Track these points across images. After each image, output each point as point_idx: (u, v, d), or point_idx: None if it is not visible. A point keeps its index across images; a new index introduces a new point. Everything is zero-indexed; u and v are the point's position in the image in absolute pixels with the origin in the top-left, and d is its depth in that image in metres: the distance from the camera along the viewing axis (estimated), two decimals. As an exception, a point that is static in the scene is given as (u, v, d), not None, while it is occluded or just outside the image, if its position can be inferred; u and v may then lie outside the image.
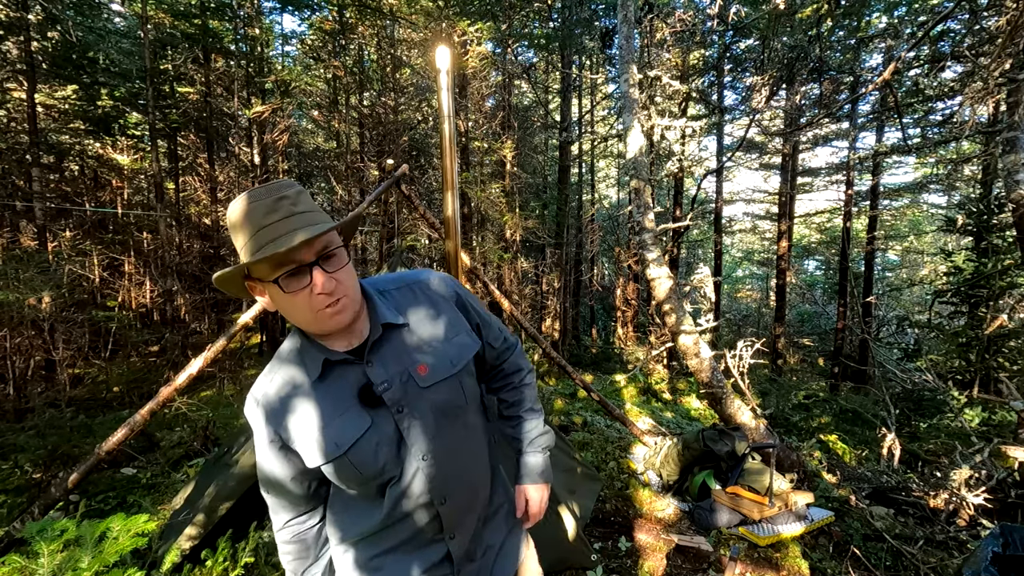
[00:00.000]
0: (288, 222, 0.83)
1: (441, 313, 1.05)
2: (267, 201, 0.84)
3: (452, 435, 1.01)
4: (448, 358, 1.01)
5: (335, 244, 0.90)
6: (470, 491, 1.06)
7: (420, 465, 0.97)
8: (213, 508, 2.57)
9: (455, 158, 1.96)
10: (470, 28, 9.12)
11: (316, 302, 0.86)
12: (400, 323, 1.00)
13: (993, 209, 7.06)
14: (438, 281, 1.09)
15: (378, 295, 1.02)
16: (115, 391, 6.44)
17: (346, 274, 0.91)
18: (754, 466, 3.51)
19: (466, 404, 1.04)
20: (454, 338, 1.04)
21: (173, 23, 8.43)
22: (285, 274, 0.84)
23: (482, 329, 1.12)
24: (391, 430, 0.96)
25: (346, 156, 10.10)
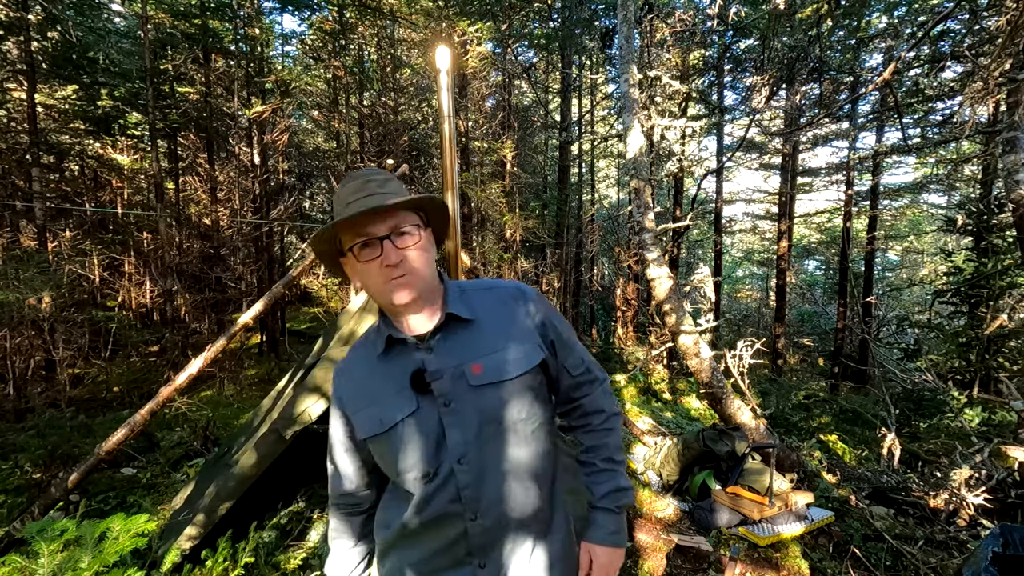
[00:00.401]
0: (367, 200, 0.92)
1: (512, 320, 1.02)
2: (357, 182, 0.96)
3: (496, 447, 0.97)
4: (505, 364, 0.98)
5: (411, 224, 0.95)
6: (508, 516, 0.98)
7: (455, 468, 0.95)
8: (213, 508, 2.57)
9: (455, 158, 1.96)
10: (470, 28, 9.12)
11: (384, 273, 0.93)
12: (466, 317, 0.99)
13: (993, 209, 7.06)
14: (522, 292, 1.06)
15: (457, 290, 1.04)
16: (115, 391, 6.44)
17: (417, 253, 0.95)
18: (754, 466, 3.52)
19: (520, 419, 0.98)
20: (517, 347, 1.00)
21: (173, 23, 8.42)
22: (359, 244, 0.93)
23: (559, 350, 1.06)
24: (434, 422, 0.96)
25: (346, 156, 10.10)
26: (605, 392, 1.13)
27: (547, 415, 1.06)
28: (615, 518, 1.09)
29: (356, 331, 3.02)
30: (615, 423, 1.13)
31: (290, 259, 11.02)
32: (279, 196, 9.47)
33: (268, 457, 2.65)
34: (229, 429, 5.04)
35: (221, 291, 8.57)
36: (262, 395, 5.55)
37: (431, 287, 0.99)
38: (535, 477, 1.00)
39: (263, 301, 3.33)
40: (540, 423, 1.02)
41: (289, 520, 3.22)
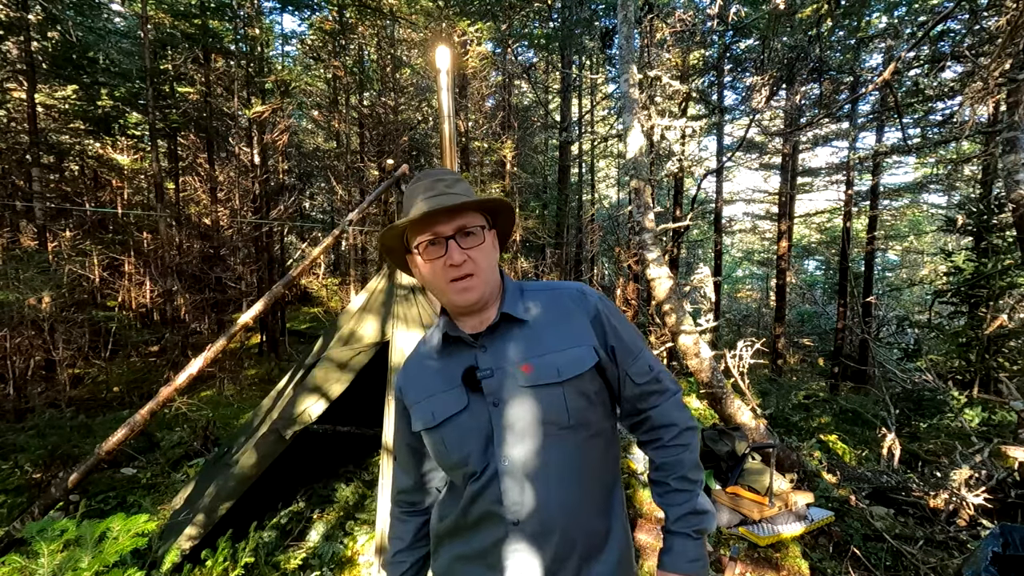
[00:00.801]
0: (437, 199, 0.93)
1: (568, 322, 1.00)
2: (427, 182, 0.97)
3: (544, 451, 0.93)
4: (556, 366, 0.95)
5: (477, 225, 0.95)
6: (553, 525, 0.93)
7: (500, 467, 0.94)
8: (213, 508, 2.57)
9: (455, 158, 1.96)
10: (470, 28, 9.12)
11: (448, 273, 0.93)
12: (521, 317, 0.99)
13: (993, 209, 7.05)
14: (582, 293, 1.04)
15: (517, 290, 1.04)
16: (115, 391, 6.44)
17: (481, 254, 0.95)
18: (754, 466, 3.52)
19: (570, 424, 0.94)
20: (570, 349, 0.97)
21: (173, 23, 8.42)
22: (426, 243, 0.94)
23: (620, 355, 1.01)
24: (484, 420, 0.96)
25: (346, 156, 10.10)
26: (677, 404, 1.05)
27: (605, 424, 1.01)
28: (694, 544, 0.99)
29: (356, 331, 3.02)
30: (690, 438, 1.03)
31: (290, 259, 11.01)
32: (279, 196, 9.47)
33: (268, 457, 2.65)
34: (229, 429, 5.04)
35: (221, 291, 8.57)
36: (262, 395, 5.55)
37: (493, 288, 0.99)
38: (585, 488, 0.96)
39: (263, 301, 3.33)
40: (596, 432, 0.98)
41: (289, 520, 3.22)
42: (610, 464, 1.03)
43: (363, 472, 3.92)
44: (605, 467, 1.01)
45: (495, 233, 1.03)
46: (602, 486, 1.00)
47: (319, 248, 3.50)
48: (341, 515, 3.30)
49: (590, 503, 0.97)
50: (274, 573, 2.64)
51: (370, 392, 3.59)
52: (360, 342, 2.92)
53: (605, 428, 1.01)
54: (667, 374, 1.06)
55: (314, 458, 3.94)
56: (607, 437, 1.02)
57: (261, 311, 3.34)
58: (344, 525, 3.19)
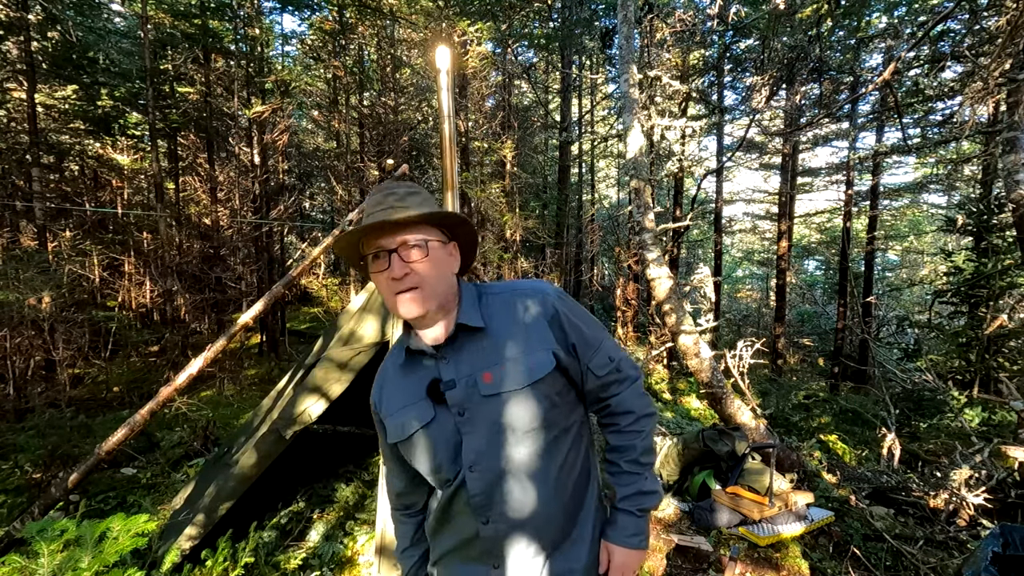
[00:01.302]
0: (380, 214, 0.95)
1: (525, 326, 1.00)
2: (378, 196, 0.99)
3: (509, 455, 0.97)
4: (515, 373, 0.97)
5: (420, 238, 0.96)
6: (521, 522, 0.99)
7: (467, 475, 0.98)
8: (213, 508, 2.57)
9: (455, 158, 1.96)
10: (470, 28, 9.12)
11: (392, 286, 0.95)
12: (476, 326, 0.99)
13: (993, 209, 7.05)
14: (540, 292, 1.03)
15: (477, 297, 1.04)
16: (115, 391, 6.44)
17: (426, 266, 0.95)
18: (754, 466, 3.52)
19: (534, 427, 0.97)
20: (529, 355, 0.98)
21: (173, 23, 8.42)
22: (372, 255, 0.97)
23: (581, 351, 1.02)
24: (451, 430, 0.99)
25: (346, 156, 10.10)
26: (636, 392, 1.08)
27: (571, 421, 1.04)
28: (636, 520, 1.06)
29: (356, 331, 3.02)
30: (645, 424, 1.07)
31: (290, 259, 11.01)
32: (279, 196, 9.47)
33: (268, 457, 2.65)
34: (229, 429, 5.04)
35: (221, 291, 8.57)
36: (262, 395, 5.55)
37: (444, 299, 0.99)
38: (553, 486, 0.99)
39: (263, 301, 3.33)
40: (562, 430, 1.01)
41: (289, 520, 3.22)
42: (582, 457, 1.06)
43: (363, 472, 3.92)
44: (576, 461, 1.04)
45: (455, 245, 1.05)
46: (574, 480, 1.03)
47: (319, 248, 3.50)
48: (341, 515, 3.30)
49: (560, 500, 1.01)
50: (274, 573, 2.64)
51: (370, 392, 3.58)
52: (360, 342, 2.92)
53: (572, 423, 1.04)
54: (628, 361, 1.08)
55: (314, 458, 3.94)
56: (575, 432, 1.04)
57: (261, 311, 3.34)
58: (344, 525, 3.19)
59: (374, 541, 2.40)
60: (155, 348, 8.21)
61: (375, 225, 0.94)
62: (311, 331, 10.92)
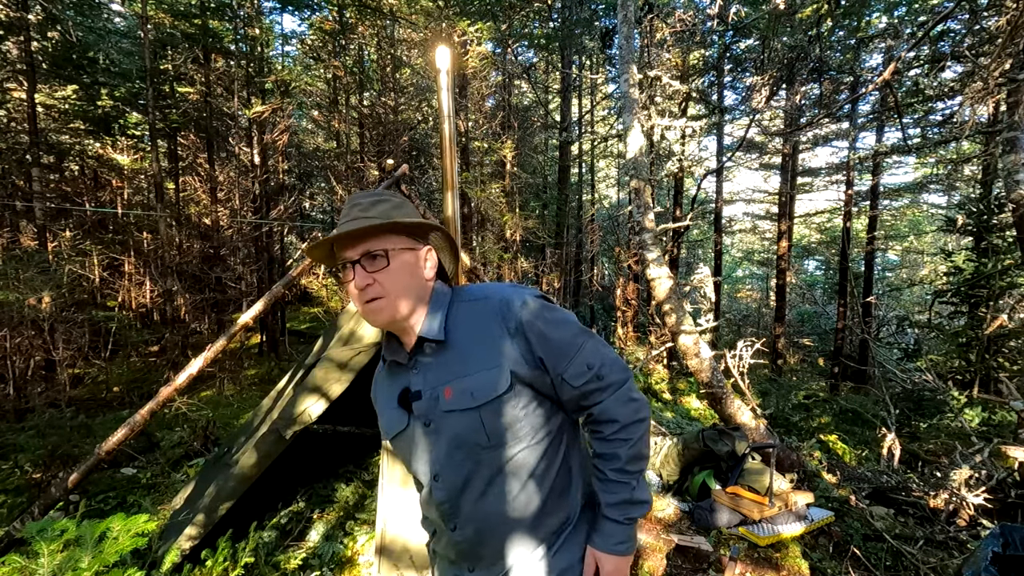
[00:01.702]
0: (347, 224, 0.95)
1: (486, 340, 0.96)
2: (346, 207, 1.00)
3: (470, 470, 0.97)
4: (471, 390, 0.95)
5: (382, 248, 0.95)
6: (489, 532, 0.98)
7: (432, 485, 1.01)
8: (213, 508, 2.57)
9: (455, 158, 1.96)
10: (470, 28, 9.12)
11: (357, 296, 0.96)
12: (435, 339, 0.98)
13: (993, 209, 7.05)
14: (506, 303, 0.98)
15: (447, 305, 1.02)
16: (115, 391, 6.44)
17: (388, 276, 0.95)
18: (754, 466, 3.52)
19: (491, 444, 0.95)
20: (484, 371, 0.95)
21: (173, 23, 8.42)
22: (340, 266, 0.99)
23: (550, 363, 0.96)
24: (421, 438, 1.01)
25: (346, 156, 10.10)
26: (621, 399, 0.99)
27: (544, 432, 0.99)
28: (623, 528, 1.02)
29: (356, 331, 3.02)
30: (633, 432, 1.00)
31: (290, 259, 11.01)
32: (279, 196, 9.47)
33: (268, 457, 2.65)
34: (229, 429, 5.04)
35: (221, 291, 8.57)
36: (262, 395, 5.55)
37: (411, 308, 0.98)
38: (519, 498, 0.97)
39: (263, 301, 3.33)
40: (530, 443, 0.97)
41: (289, 520, 3.22)
42: (558, 465, 1.01)
43: (363, 472, 3.92)
44: (549, 470, 1.00)
45: (429, 249, 1.04)
46: (547, 489, 0.99)
47: (319, 248, 3.49)
48: (341, 515, 3.30)
49: (527, 510, 0.98)
50: (274, 573, 2.64)
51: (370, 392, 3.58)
52: (360, 342, 2.92)
53: (544, 435, 0.99)
54: (611, 365, 0.99)
55: (314, 458, 3.94)
56: (548, 442, 1.00)
57: (261, 311, 3.34)
58: (344, 525, 3.19)
59: (374, 541, 2.40)
60: (155, 348, 8.21)
61: (339, 236, 0.94)
62: (311, 331, 10.92)
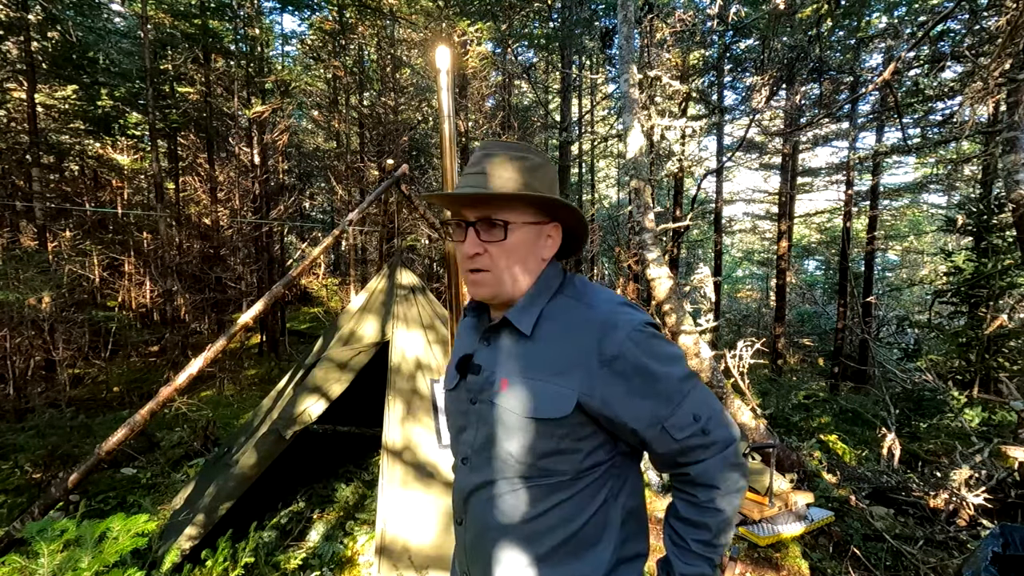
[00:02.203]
0: (471, 178, 0.87)
1: (570, 351, 0.83)
2: (478, 154, 0.90)
3: (493, 472, 0.87)
4: (527, 396, 0.83)
5: (504, 217, 0.85)
6: (487, 554, 0.88)
7: (459, 467, 0.95)
8: (213, 508, 2.57)
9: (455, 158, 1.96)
10: (470, 28, 9.12)
11: (463, 262, 0.89)
12: (522, 330, 0.87)
13: (993, 209, 7.05)
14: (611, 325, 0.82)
15: (551, 293, 0.90)
16: (115, 391, 6.43)
17: (502, 250, 0.86)
18: (754, 466, 3.51)
19: (526, 462, 0.83)
20: (552, 385, 0.82)
21: (173, 23, 8.42)
22: (454, 224, 0.90)
23: (645, 407, 0.81)
24: (464, 409, 0.94)
25: (346, 156, 10.10)
26: (725, 461, 0.84)
27: (584, 474, 0.84)
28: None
29: (356, 331, 3.02)
30: (730, 503, 0.85)
31: (290, 259, 11.01)
32: (279, 196, 9.47)
33: (268, 457, 2.65)
34: (229, 429, 5.04)
35: (221, 291, 8.57)
36: (262, 395, 5.55)
37: (517, 288, 0.89)
38: (529, 530, 0.84)
39: (263, 301, 3.33)
40: (563, 479, 0.83)
41: (289, 520, 3.22)
42: (588, 518, 0.84)
43: (363, 472, 3.92)
44: (575, 519, 0.84)
45: (555, 226, 0.91)
46: (563, 538, 0.84)
47: (319, 248, 3.50)
48: (341, 515, 3.30)
49: (529, 549, 0.84)
50: (274, 573, 2.64)
51: (370, 392, 3.59)
52: (360, 342, 2.92)
53: (583, 477, 0.84)
54: (718, 419, 0.85)
55: (314, 458, 3.94)
56: (586, 487, 0.84)
57: (261, 311, 3.34)
58: (344, 525, 3.19)
59: (374, 541, 2.40)
60: (155, 348, 8.22)
61: (458, 196, 0.85)
62: (311, 331, 10.92)
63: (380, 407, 2.71)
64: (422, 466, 2.51)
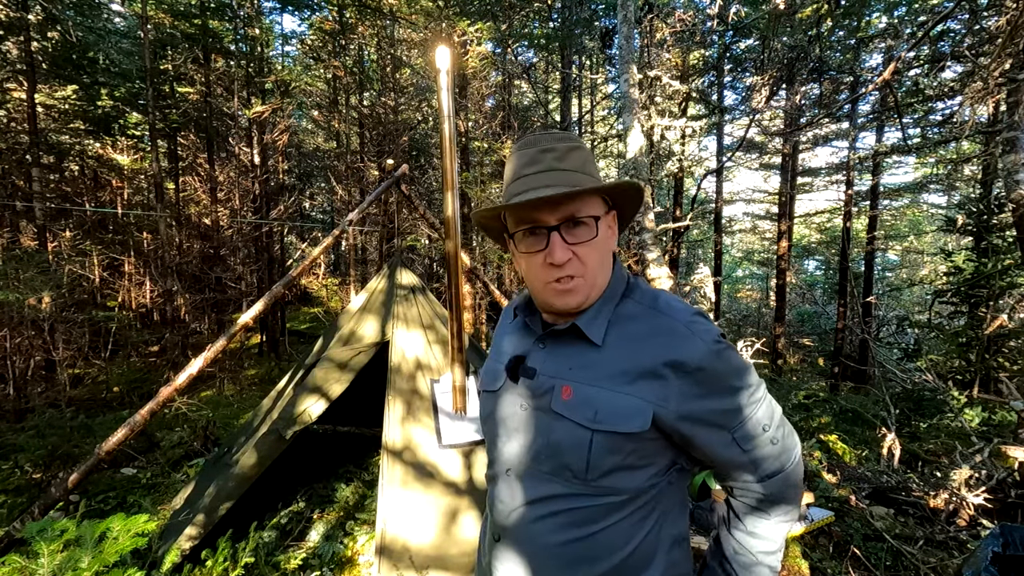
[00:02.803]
0: (542, 177, 0.77)
1: (643, 359, 0.77)
2: (531, 152, 0.79)
3: (544, 488, 0.81)
4: (595, 407, 0.77)
5: (587, 213, 0.77)
6: (525, 562, 0.82)
7: (501, 472, 0.86)
8: (213, 508, 2.57)
9: (455, 158, 1.96)
10: (470, 28, 9.12)
11: (545, 272, 0.78)
12: (593, 340, 0.80)
13: (993, 209, 7.05)
14: (687, 333, 0.77)
15: (612, 299, 0.83)
16: (115, 391, 6.43)
17: (592, 250, 0.78)
18: (754, 466, 3.51)
19: (587, 478, 0.77)
20: (624, 396, 0.76)
21: (173, 23, 8.42)
22: (524, 231, 0.79)
23: (715, 418, 0.78)
24: (510, 415, 0.86)
25: (346, 156, 10.10)
26: (795, 475, 0.84)
27: (642, 493, 0.79)
28: None
29: (356, 331, 3.02)
30: (794, 516, 0.85)
31: (290, 259, 11.01)
32: (279, 196, 9.47)
33: (268, 457, 2.65)
34: (229, 429, 5.04)
35: (221, 291, 8.57)
36: (262, 395, 5.55)
37: (600, 288, 0.82)
38: (577, 551, 0.79)
39: (263, 301, 3.33)
40: (621, 499, 0.78)
41: (289, 520, 3.22)
42: (641, 540, 0.80)
43: (363, 472, 3.92)
44: (629, 540, 0.79)
45: (615, 215, 0.85)
46: (612, 562, 0.79)
47: (319, 248, 3.50)
48: (341, 515, 3.30)
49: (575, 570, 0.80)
50: (274, 573, 2.64)
51: (370, 392, 3.59)
52: (360, 342, 2.92)
53: (641, 496, 0.80)
54: (782, 426, 0.83)
55: (314, 458, 3.94)
56: (642, 506, 0.80)
57: (261, 311, 3.34)
58: (344, 525, 3.19)
59: (374, 541, 2.40)
60: (155, 348, 8.22)
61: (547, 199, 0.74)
62: (311, 331, 10.93)
63: (380, 407, 2.71)
64: (422, 466, 2.51)
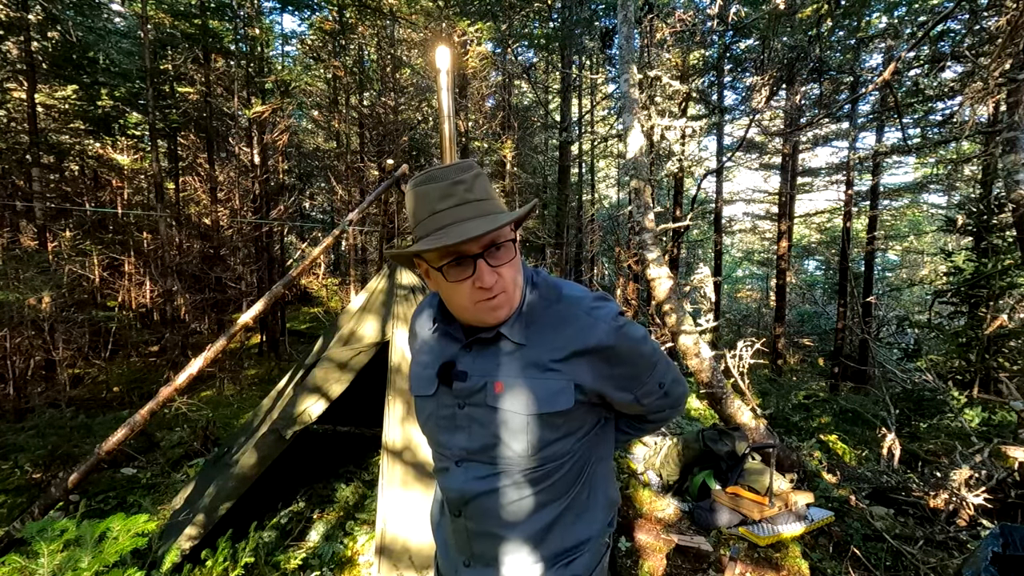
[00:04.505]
0: (460, 210, 0.82)
1: (558, 345, 0.89)
2: (442, 185, 0.82)
3: (495, 470, 0.91)
4: (527, 395, 0.87)
5: (505, 237, 0.84)
6: (493, 538, 0.94)
7: (452, 468, 0.95)
8: (213, 508, 2.57)
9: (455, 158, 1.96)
10: (470, 28, 9.12)
11: (475, 295, 0.84)
12: (518, 341, 0.89)
13: (993, 209, 7.05)
14: (592, 316, 0.90)
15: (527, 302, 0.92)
16: (115, 391, 6.43)
17: (510, 269, 0.86)
18: (754, 466, 3.52)
19: (527, 453, 0.88)
20: (549, 380, 0.88)
21: (173, 23, 8.42)
22: (450, 263, 0.83)
23: (623, 383, 0.94)
24: (449, 415, 0.94)
25: (346, 156, 10.10)
26: (679, 411, 1.08)
27: (577, 451, 0.94)
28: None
29: (356, 331, 3.02)
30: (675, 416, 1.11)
31: (290, 259, 11.01)
32: (279, 196, 9.47)
33: (268, 457, 2.65)
34: (229, 429, 5.04)
35: (221, 291, 8.57)
36: (262, 395, 5.55)
37: (519, 298, 0.90)
38: (533, 511, 0.92)
39: (263, 301, 3.33)
40: (562, 461, 0.92)
41: (289, 520, 3.22)
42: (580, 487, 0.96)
43: (363, 472, 3.92)
44: (570, 492, 0.95)
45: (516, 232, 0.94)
46: (561, 510, 0.94)
47: (319, 248, 3.50)
48: (341, 515, 3.30)
49: (534, 527, 0.93)
50: (274, 573, 2.64)
51: (370, 392, 3.59)
52: (360, 342, 2.92)
53: (577, 453, 0.94)
54: (677, 381, 1.03)
55: (314, 458, 3.94)
56: (578, 459, 0.94)
57: (261, 311, 3.34)
58: (344, 525, 3.19)
59: (374, 541, 2.40)
60: (155, 348, 8.21)
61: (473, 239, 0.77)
62: (311, 331, 10.92)
63: (380, 407, 2.71)
64: (422, 466, 2.51)
